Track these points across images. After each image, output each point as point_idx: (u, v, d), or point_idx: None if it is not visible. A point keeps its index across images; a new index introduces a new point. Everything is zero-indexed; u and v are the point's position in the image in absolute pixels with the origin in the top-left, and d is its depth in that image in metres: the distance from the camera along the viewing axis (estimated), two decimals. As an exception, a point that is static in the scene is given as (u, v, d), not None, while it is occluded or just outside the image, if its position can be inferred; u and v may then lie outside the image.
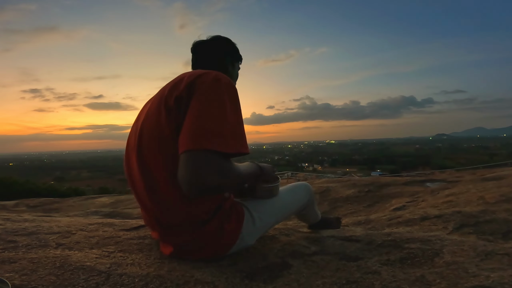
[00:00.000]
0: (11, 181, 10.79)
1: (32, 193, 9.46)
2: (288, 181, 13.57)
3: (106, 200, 6.19)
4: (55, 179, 48.65)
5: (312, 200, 1.31)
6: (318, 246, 1.17)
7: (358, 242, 1.22)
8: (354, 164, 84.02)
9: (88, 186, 21.36)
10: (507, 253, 1.02)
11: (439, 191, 3.49)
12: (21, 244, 1.01)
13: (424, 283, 0.84)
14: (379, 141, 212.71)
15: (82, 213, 3.42)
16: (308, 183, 1.73)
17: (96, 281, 0.77)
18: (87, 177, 68.19)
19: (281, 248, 1.13)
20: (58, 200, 6.56)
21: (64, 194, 10.32)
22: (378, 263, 0.99)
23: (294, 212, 1.24)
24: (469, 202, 2.49)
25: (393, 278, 0.87)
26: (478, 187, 3.15)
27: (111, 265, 0.87)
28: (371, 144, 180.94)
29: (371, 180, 4.88)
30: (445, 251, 1.06)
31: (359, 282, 0.85)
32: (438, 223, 1.82)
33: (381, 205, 3.53)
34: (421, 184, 4.42)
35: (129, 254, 0.99)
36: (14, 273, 0.78)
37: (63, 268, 0.83)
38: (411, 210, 2.58)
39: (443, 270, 0.91)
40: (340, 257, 1.05)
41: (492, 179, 3.73)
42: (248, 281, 0.85)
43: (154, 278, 0.81)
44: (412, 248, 1.10)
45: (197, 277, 0.83)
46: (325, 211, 3.70)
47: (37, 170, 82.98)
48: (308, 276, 0.90)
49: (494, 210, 1.96)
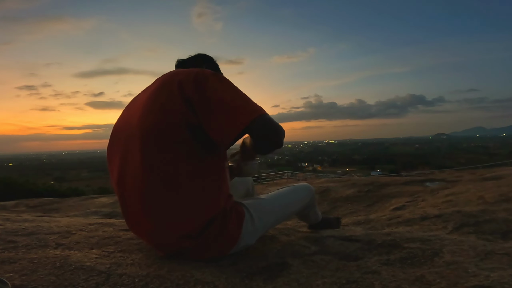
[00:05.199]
0: (10, 181, 10.78)
1: (31, 193, 9.44)
2: (287, 181, 13.56)
3: (106, 200, 6.19)
4: (55, 179, 48.61)
5: (313, 201, 1.30)
6: (318, 246, 1.17)
7: (358, 242, 1.22)
8: (353, 163, 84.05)
9: (88, 186, 21.35)
10: (506, 253, 1.02)
11: (439, 190, 3.50)
12: (21, 244, 1.01)
13: (424, 282, 0.84)
14: (379, 141, 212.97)
15: (82, 213, 3.42)
16: (308, 183, 1.73)
17: (96, 281, 0.77)
18: (87, 177, 68.14)
19: (281, 248, 1.13)
20: (57, 200, 6.55)
21: (64, 194, 10.30)
22: (378, 263, 0.99)
23: (294, 212, 1.24)
24: (469, 201, 2.49)
25: (393, 278, 0.87)
26: (477, 186, 3.15)
27: (111, 265, 0.87)
28: (371, 143, 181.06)
29: (371, 180, 4.88)
30: (445, 250, 1.06)
31: (359, 282, 0.85)
32: (437, 223, 1.83)
33: (381, 205, 3.53)
34: (420, 183, 4.42)
35: (129, 254, 0.99)
36: (14, 273, 0.78)
37: (63, 268, 0.83)
38: (411, 210, 2.58)
39: (443, 269, 0.91)
40: (340, 257, 1.06)
41: (491, 178, 3.73)
42: (248, 281, 0.85)
43: (154, 278, 0.81)
44: (412, 248, 1.10)
45: (197, 277, 0.83)
46: (325, 211, 3.70)
47: (36, 170, 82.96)
48: (308, 276, 0.90)
49: (493, 209, 1.96)
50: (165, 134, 0.87)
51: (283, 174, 16.06)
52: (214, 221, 0.92)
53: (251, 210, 1.01)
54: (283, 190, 1.20)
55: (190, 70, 0.94)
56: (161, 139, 0.87)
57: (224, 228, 0.93)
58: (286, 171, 17.95)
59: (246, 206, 1.02)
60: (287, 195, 1.19)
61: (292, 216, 1.27)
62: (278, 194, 1.17)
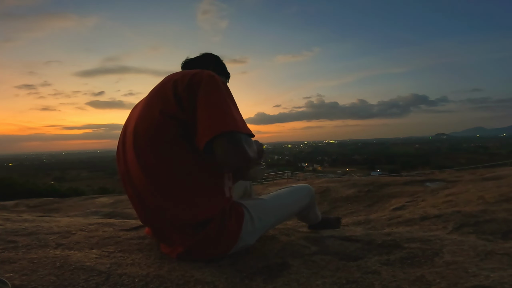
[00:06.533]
0: (11, 181, 10.78)
1: (32, 193, 9.45)
2: (287, 181, 13.56)
3: (106, 200, 6.19)
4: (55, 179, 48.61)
5: (313, 202, 1.30)
6: (318, 246, 1.17)
7: (358, 242, 1.22)
8: (353, 164, 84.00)
9: (88, 186, 21.36)
10: (507, 253, 1.02)
11: (439, 190, 3.49)
12: (21, 244, 1.01)
13: (424, 283, 0.83)
14: (379, 141, 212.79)
15: (82, 213, 3.42)
16: (308, 183, 1.73)
17: (96, 281, 0.77)
18: (87, 177, 68.14)
19: (281, 248, 1.13)
20: (58, 200, 6.56)
21: (64, 194, 10.31)
22: (378, 263, 0.99)
23: (294, 213, 1.24)
24: (469, 201, 2.49)
25: (393, 278, 0.87)
26: (478, 186, 3.15)
27: (111, 265, 0.87)
28: (371, 143, 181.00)
29: (371, 180, 4.88)
30: (445, 250, 1.06)
31: (359, 282, 0.85)
32: (438, 223, 1.82)
33: (381, 205, 3.53)
34: (420, 183, 4.42)
35: (129, 254, 0.99)
36: (14, 273, 0.78)
37: (63, 268, 0.83)
38: (411, 210, 2.58)
39: (443, 269, 0.91)
40: (340, 257, 1.05)
41: (491, 178, 3.73)
42: (248, 281, 0.85)
43: (154, 278, 0.81)
44: (412, 248, 1.10)
45: (197, 277, 0.83)
46: (325, 211, 3.70)
47: (36, 170, 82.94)
48: (308, 276, 0.90)
49: (494, 209, 1.96)
50: (160, 134, 0.88)
51: (283, 174, 16.06)
52: (213, 221, 0.92)
53: (250, 211, 1.01)
54: (283, 190, 1.20)
55: (189, 71, 0.95)
56: (156, 139, 0.88)
57: (223, 228, 0.93)
58: (286, 171, 17.94)
59: (246, 207, 1.02)
60: (287, 196, 1.19)
61: (292, 216, 1.27)
62: (278, 194, 1.17)
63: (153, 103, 0.91)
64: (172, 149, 0.88)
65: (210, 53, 1.25)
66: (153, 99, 0.93)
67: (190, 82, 0.88)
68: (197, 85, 0.87)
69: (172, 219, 0.92)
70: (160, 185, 0.89)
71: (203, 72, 0.93)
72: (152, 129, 0.89)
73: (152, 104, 0.91)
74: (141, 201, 0.95)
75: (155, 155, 0.89)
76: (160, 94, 0.91)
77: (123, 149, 0.99)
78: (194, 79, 0.89)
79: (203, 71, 0.93)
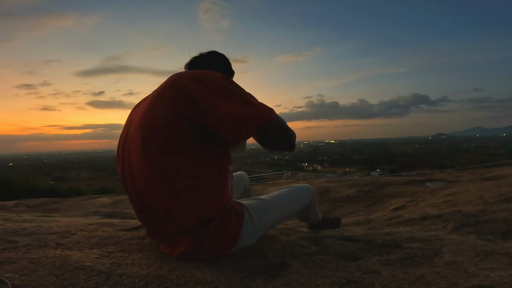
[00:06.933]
0: (11, 181, 10.79)
1: (32, 193, 9.45)
2: (287, 181, 13.56)
3: (106, 200, 6.20)
4: (55, 179, 48.61)
5: (313, 202, 1.30)
6: (318, 246, 1.17)
7: (358, 242, 1.22)
8: (353, 164, 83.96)
9: (88, 186, 21.36)
10: (506, 253, 1.02)
11: (439, 190, 3.50)
12: (21, 244, 1.01)
13: (424, 283, 0.84)
14: (379, 141, 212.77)
15: (82, 213, 3.42)
16: (308, 183, 1.73)
17: (96, 281, 0.77)
18: (87, 177, 68.13)
19: (281, 248, 1.13)
20: (58, 200, 6.56)
21: (64, 194, 10.32)
22: (378, 263, 0.99)
23: (294, 213, 1.24)
24: (469, 201, 2.49)
25: (393, 278, 0.87)
26: (477, 186, 3.15)
27: (111, 265, 0.87)
28: (371, 143, 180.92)
29: (371, 180, 4.88)
30: (445, 250, 1.06)
31: (359, 282, 0.85)
32: (437, 223, 1.83)
33: (381, 205, 3.53)
34: (420, 183, 4.42)
35: (129, 254, 0.99)
36: (14, 273, 0.78)
37: (63, 268, 0.83)
38: (411, 210, 2.58)
39: (443, 269, 0.91)
40: (340, 257, 1.05)
41: (491, 178, 3.73)
42: (248, 281, 0.85)
43: (154, 278, 0.81)
44: (412, 248, 1.10)
45: (197, 277, 0.83)
46: (325, 211, 3.70)
47: (36, 170, 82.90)
48: (308, 275, 0.90)
49: (493, 209, 1.96)
50: (168, 134, 0.87)
51: (283, 174, 16.06)
52: (213, 221, 0.92)
53: (250, 211, 1.01)
54: (283, 190, 1.20)
55: (198, 71, 0.95)
56: (163, 139, 0.88)
57: (223, 228, 0.93)
58: (286, 171, 17.94)
59: (246, 206, 1.02)
60: (287, 196, 1.18)
61: (292, 216, 1.27)
62: (278, 194, 1.17)
63: (159, 103, 0.90)
64: (178, 150, 0.88)
65: (215, 52, 1.23)
66: (160, 99, 0.91)
67: (203, 83, 0.88)
68: (212, 84, 0.88)
69: (173, 219, 0.92)
70: (165, 185, 0.89)
71: (214, 72, 0.94)
72: (159, 129, 0.88)
73: (159, 104, 0.90)
74: (141, 201, 0.95)
75: (162, 155, 0.88)
76: (168, 94, 0.90)
77: (125, 148, 0.99)
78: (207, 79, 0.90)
79: (213, 71, 0.94)
